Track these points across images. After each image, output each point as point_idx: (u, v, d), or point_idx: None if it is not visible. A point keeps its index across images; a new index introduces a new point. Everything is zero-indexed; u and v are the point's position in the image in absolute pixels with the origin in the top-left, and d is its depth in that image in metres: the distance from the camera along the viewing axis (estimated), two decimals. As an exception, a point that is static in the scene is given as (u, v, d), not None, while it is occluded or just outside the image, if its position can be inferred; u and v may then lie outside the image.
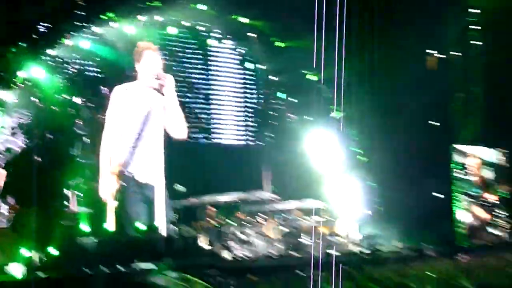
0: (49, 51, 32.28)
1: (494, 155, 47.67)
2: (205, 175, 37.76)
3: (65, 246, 28.93)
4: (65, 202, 31.31)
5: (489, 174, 47.42)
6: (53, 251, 28.53)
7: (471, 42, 45.77)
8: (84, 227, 31.45)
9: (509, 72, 43.98)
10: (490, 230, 46.77)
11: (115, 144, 34.61)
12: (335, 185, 39.40)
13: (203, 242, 33.20)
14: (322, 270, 26.15)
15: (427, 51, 45.26)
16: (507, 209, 47.97)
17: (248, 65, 42.16)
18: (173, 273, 27.34)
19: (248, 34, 40.26)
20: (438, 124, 45.03)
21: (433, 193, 44.23)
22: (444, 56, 45.84)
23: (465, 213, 45.49)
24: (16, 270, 26.76)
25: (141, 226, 31.49)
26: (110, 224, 32.34)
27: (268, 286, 22.69)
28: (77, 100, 33.27)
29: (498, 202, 47.27)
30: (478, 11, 44.80)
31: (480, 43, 45.59)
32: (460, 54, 45.81)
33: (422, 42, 43.42)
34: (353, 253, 35.82)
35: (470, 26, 45.44)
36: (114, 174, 33.66)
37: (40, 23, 30.98)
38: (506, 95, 43.99)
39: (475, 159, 46.57)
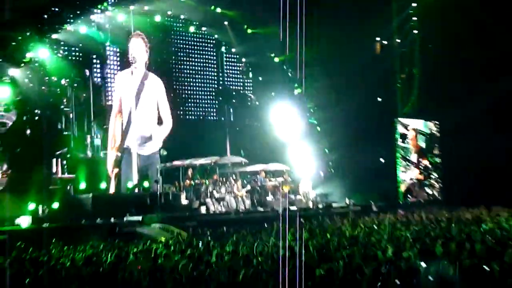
0: (53, 36, 31.90)
1: (428, 127, 47.78)
2: (186, 144, 37.56)
3: (61, 201, 28.67)
4: (52, 169, 31.14)
5: (424, 142, 47.54)
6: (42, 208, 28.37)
7: (410, 30, 45.77)
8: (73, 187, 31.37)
9: (441, 57, 44.02)
10: (424, 189, 47.01)
11: (117, 121, 34.49)
12: (295, 151, 39.25)
13: (183, 199, 33.03)
14: (284, 222, 25.97)
15: (376, 38, 45.35)
16: (437, 171, 48.19)
17: (222, 48, 41.88)
18: (157, 224, 27.11)
19: (224, 22, 40.05)
20: (382, 99, 45.14)
21: (378, 158, 44.36)
22: (387, 43, 45.84)
23: (404, 175, 45.59)
24: (23, 221, 26.44)
25: (131, 185, 31.19)
26: (108, 185, 32.13)
27: (238, 236, 22.55)
28: (64, 81, 33.03)
29: (430, 166, 47.48)
30: (415, 4, 44.83)
31: (417, 31, 45.61)
32: (400, 41, 45.81)
33: (370, 31, 43.36)
34: (309, 208, 35.78)
35: (409, 17, 45.43)
36: (114, 146, 33.57)
37: (45, 11, 30.65)
38: (439, 76, 44.03)
39: (413, 130, 46.69)
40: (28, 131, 30.71)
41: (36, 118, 31.21)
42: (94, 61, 35.61)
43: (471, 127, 43.49)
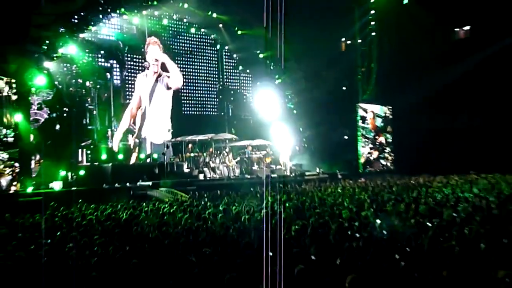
0: (81, 36, 31.85)
1: (383, 110, 47.82)
2: (188, 123, 37.56)
3: (87, 169, 28.64)
4: (78, 158, 31.19)
5: (379, 123, 47.55)
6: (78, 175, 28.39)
7: (369, 33, 45.78)
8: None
9: (394, 54, 44.20)
10: (380, 160, 47.04)
11: (134, 114, 34.57)
12: (276, 129, 39.19)
13: (185, 168, 33.01)
14: (266, 187, 25.87)
15: (342, 38, 45.40)
16: (390, 146, 48.27)
17: (218, 47, 41.79)
18: (164, 188, 27.03)
19: (219, 25, 39.97)
20: (346, 88, 45.25)
21: (343, 136, 44.46)
22: (350, 42, 45.84)
23: (364, 149, 45.62)
24: (56, 185, 26.32)
25: (143, 156, 31.07)
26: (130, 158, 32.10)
27: (229, 198, 22.52)
28: (89, 83, 32.98)
29: (385, 142, 47.55)
30: (373, 11, 44.88)
31: (374, 33, 45.64)
32: (361, 41, 45.82)
33: (337, 32, 43.42)
34: (287, 175, 35.81)
35: (368, 22, 45.45)
36: (134, 134, 33.56)
37: (74, 16, 30.57)
38: (392, 69, 44.15)
39: (371, 113, 46.73)
40: (58, 126, 30.68)
41: (65, 114, 31.11)
42: (114, 66, 35.41)
43: (417, 110, 43.87)
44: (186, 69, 40.43)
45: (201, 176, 32.90)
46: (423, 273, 7.63)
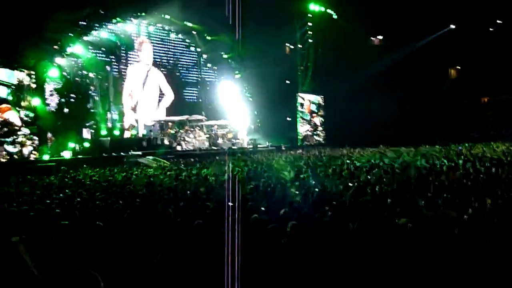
0: (85, 38, 31.28)
1: (317, 99, 48.03)
2: (168, 108, 37.16)
3: (90, 142, 28.13)
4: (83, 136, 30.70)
5: (314, 108, 47.75)
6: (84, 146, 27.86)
7: (307, 39, 45.86)
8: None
9: (325, 56, 44.46)
10: (314, 137, 47.27)
11: (130, 99, 34.08)
12: (236, 112, 39.16)
13: (166, 141, 32.75)
14: (228, 156, 25.76)
15: (286, 43, 45.40)
16: (322, 126, 48.57)
17: (192, 49, 41.37)
18: (150, 157, 26.75)
19: (192, 32, 39.57)
20: (289, 82, 45.30)
21: (286, 118, 44.55)
22: (293, 47, 45.87)
23: (302, 128, 45.82)
24: (66, 154, 25.91)
25: (134, 132, 30.63)
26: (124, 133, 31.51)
27: (201, 165, 22.48)
28: (92, 74, 32.43)
29: (318, 123, 47.80)
30: (310, 24, 45.05)
31: (311, 40, 45.73)
32: (301, 46, 45.90)
33: (282, 38, 43.47)
34: (244, 147, 35.82)
35: (306, 31, 45.52)
36: (129, 118, 33.02)
37: (80, 22, 30.24)
38: (323, 68, 44.39)
39: (308, 100, 46.90)
40: (66, 110, 30.11)
41: (72, 100, 30.55)
42: (113, 60, 34.86)
43: (342, 98, 44.42)
44: (170, 66, 39.96)
45: (179, 148, 32.76)
46: (345, 222, 7.73)
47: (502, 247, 6.08)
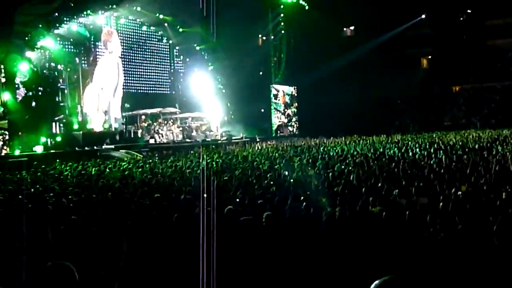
0: (55, 31, 30.69)
1: (291, 90, 48.22)
2: (141, 100, 36.76)
3: (62, 136, 27.71)
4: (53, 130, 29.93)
5: (288, 99, 47.99)
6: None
7: (279, 31, 45.98)
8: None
9: (297, 47, 44.69)
10: (288, 127, 47.51)
11: (96, 90, 33.40)
12: (210, 104, 39.06)
13: (139, 134, 32.49)
14: (202, 147, 25.71)
15: (259, 35, 45.47)
16: (295, 117, 48.86)
17: (164, 41, 40.99)
18: (123, 150, 26.54)
19: (164, 24, 39.18)
20: (262, 73, 45.43)
21: (260, 109, 44.68)
22: (265, 38, 45.96)
23: (276, 119, 45.98)
24: (38, 149, 25.53)
25: (106, 126, 30.35)
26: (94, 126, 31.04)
27: (174, 157, 22.39)
28: (60, 66, 31.72)
29: (291, 114, 48.01)
30: (282, 15, 45.20)
31: (284, 31, 45.86)
32: (273, 37, 46.00)
33: (255, 30, 43.51)
34: (218, 139, 35.77)
35: (279, 23, 45.64)
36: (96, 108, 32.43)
37: (50, 15, 29.74)
38: (296, 59, 44.62)
39: (282, 91, 47.07)
40: (34, 103, 29.36)
41: (40, 93, 29.83)
42: (82, 53, 34.17)
43: (315, 89, 44.76)
44: (141, 58, 39.55)
45: (152, 141, 32.55)
46: (319, 210, 7.81)
47: (474, 233, 6.20)
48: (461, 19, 52.75)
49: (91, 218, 8.48)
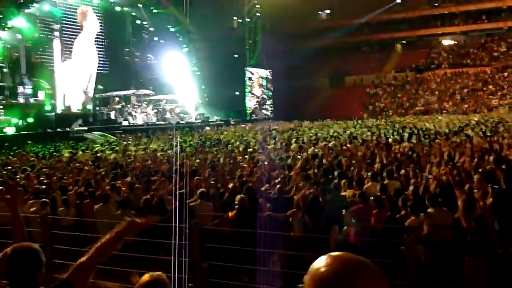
0: (26, 11, 29.89)
1: (265, 73, 48.16)
2: (115, 82, 36.26)
3: (34, 117, 27.14)
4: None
5: (263, 82, 47.91)
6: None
7: (255, 14, 45.78)
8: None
9: (273, 30, 44.59)
10: (262, 110, 47.48)
11: (73, 70, 32.52)
12: (184, 87, 38.80)
13: (112, 116, 32.10)
14: (176, 130, 25.60)
15: (234, 17, 45.16)
16: (270, 100, 48.91)
17: (137, 22, 40.42)
18: (96, 132, 26.22)
19: (139, 5, 38.63)
20: (237, 55, 45.24)
21: (234, 92, 44.55)
22: (241, 21, 45.70)
23: (250, 102, 45.94)
24: (9, 130, 25.06)
25: (80, 107, 29.87)
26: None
27: (148, 139, 22.25)
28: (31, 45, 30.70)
29: (266, 97, 48.04)
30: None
31: (259, 14, 45.68)
32: (249, 20, 45.78)
33: (230, 12, 43.27)
34: (192, 122, 35.63)
35: (254, 5, 45.39)
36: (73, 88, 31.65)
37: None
38: (271, 42, 44.52)
39: (256, 74, 46.96)
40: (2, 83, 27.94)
41: (9, 72, 28.61)
42: (54, 31, 33.15)
43: (290, 73, 44.78)
44: (115, 39, 38.96)
45: (126, 123, 32.21)
46: (292, 194, 7.84)
47: (443, 216, 6.29)
48: (435, 4, 53.43)
49: (63, 201, 8.42)
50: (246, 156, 12.98)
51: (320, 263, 1.20)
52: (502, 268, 5.40)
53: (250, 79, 46.19)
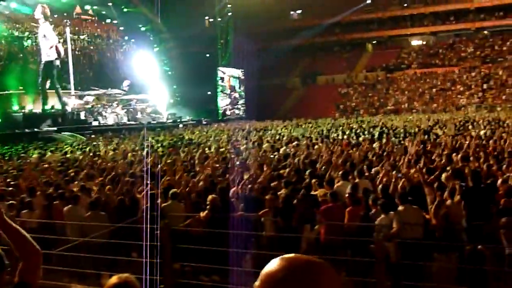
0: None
1: (237, 73, 48.09)
2: (86, 80, 35.86)
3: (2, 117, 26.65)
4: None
5: (234, 82, 47.86)
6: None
7: (226, 13, 45.72)
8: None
9: (244, 30, 44.61)
10: (234, 110, 47.38)
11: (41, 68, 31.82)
12: (155, 87, 38.58)
13: (82, 116, 31.70)
14: (148, 130, 25.43)
15: (206, 17, 45.03)
16: (242, 100, 48.83)
17: (108, 21, 40.05)
18: (67, 132, 25.86)
19: (108, 3, 38.25)
20: (209, 55, 45.12)
21: (206, 92, 44.38)
22: (212, 20, 45.61)
23: (222, 102, 45.84)
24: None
25: (48, 107, 29.43)
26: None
27: (119, 139, 22.03)
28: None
29: (238, 96, 47.87)
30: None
31: (230, 13, 45.66)
32: (220, 19, 45.71)
33: (202, 12, 43.17)
34: (163, 122, 35.40)
35: (226, 5, 45.34)
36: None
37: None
38: (243, 42, 44.62)
39: (228, 75, 46.88)
40: None
41: None
42: (21, 28, 32.67)
43: (262, 73, 44.83)
44: (85, 38, 38.45)
45: (96, 123, 31.86)
46: (264, 194, 7.87)
47: (413, 213, 6.36)
48: (405, 5, 54.09)
49: (30, 203, 8.30)
50: (218, 157, 12.95)
51: (274, 266, 1.20)
52: (470, 264, 5.50)
53: (222, 79, 46.13)
